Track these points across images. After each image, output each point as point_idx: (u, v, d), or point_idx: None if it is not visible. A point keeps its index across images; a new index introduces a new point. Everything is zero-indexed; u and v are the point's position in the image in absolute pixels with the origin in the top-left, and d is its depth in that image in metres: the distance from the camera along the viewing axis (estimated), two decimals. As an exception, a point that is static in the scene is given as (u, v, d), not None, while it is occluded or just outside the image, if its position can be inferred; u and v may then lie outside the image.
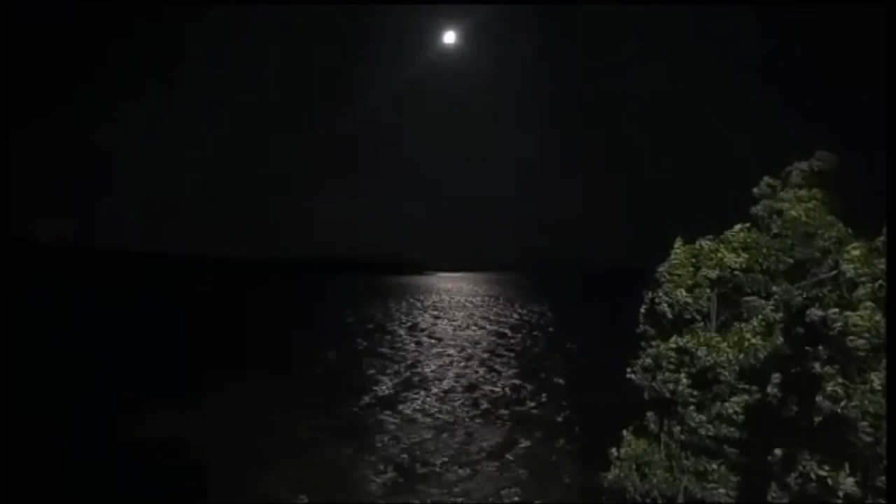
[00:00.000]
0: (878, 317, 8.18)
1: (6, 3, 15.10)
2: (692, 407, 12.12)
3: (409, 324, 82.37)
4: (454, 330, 76.25)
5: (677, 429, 12.38)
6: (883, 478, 7.97)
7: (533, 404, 36.72)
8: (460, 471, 25.33)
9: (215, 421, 31.01)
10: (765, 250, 12.91)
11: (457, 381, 43.37)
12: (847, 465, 8.42)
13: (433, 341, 65.16)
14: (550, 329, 77.44)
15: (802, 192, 13.16)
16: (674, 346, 12.47)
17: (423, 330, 75.77)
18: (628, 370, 13.66)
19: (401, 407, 35.80)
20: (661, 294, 13.09)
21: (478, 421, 33.12)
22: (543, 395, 38.98)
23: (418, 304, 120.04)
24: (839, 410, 8.17)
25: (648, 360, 12.89)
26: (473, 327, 79.66)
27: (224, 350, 54.67)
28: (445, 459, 26.67)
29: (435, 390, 40.44)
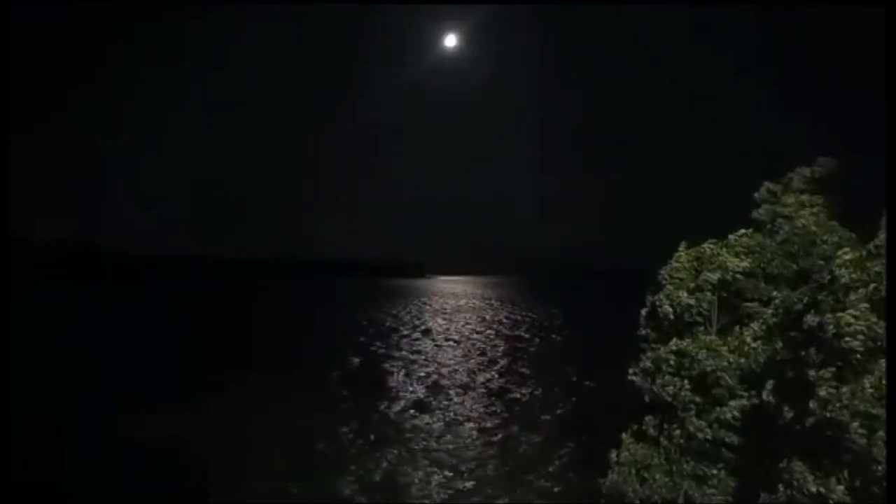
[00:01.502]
0: (872, 318, 8.20)
1: (6, 3, 15.10)
2: (692, 411, 12.13)
3: (421, 327, 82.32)
4: (459, 333, 76.25)
5: (677, 433, 12.39)
6: (879, 482, 7.96)
7: (533, 408, 36.69)
8: (458, 473, 25.31)
9: (216, 422, 31.01)
10: (768, 255, 12.94)
11: (459, 385, 43.37)
12: (845, 471, 8.43)
13: (445, 344, 65.13)
14: (553, 332, 77.39)
15: (805, 198, 13.20)
16: (674, 349, 12.50)
17: (436, 333, 75.70)
18: (629, 372, 13.68)
19: (406, 408, 35.82)
20: (662, 297, 13.11)
21: (478, 424, 33.10)
22: (545, 398, 38.97)
23: (426, 307, 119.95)
24: (828, 414, 8.18)
25: (648, 364, 12.91)
26: (479, 330, 79.63)
27: (224, 351, 54.67)
28: (443, 462, 26.65)
29: (438, 393, 40.44)
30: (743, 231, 13.16)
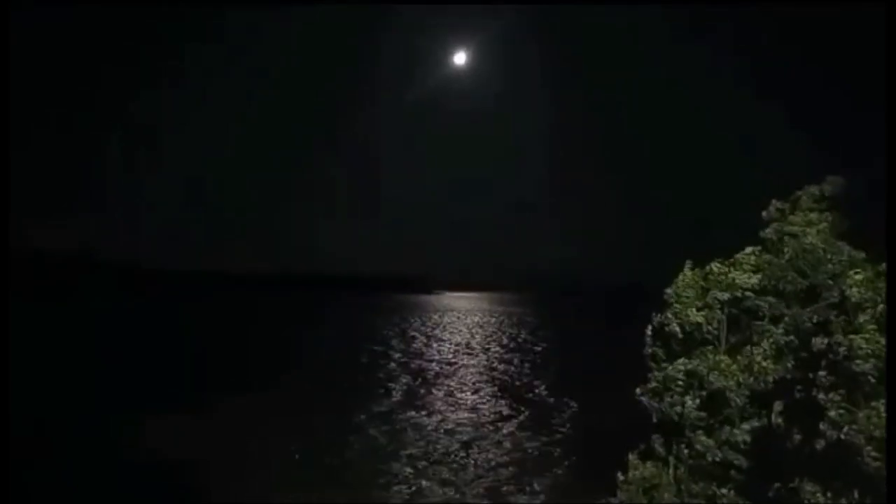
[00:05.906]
0: (882, 340, 8.16)
1: (6, 4, 15.48)
2: (700, 431, 11.99)
3: (433, 338, 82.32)
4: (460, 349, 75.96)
5: (685, 453, 12.25)
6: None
7: (538, 423, 36.32)
8: (460, 492, 25.11)
9: (218, 430, 31.32)
10: (778, 272, 12.80)
11: (463, 397, 43.11)
12: (855, 493, 8.32)
13: (452, 358, 64.97)
14: (560, 348, 76.81)
15: (813, 216, 13.08)
16: (682, 368, 12.41)
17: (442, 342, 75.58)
18: (637, 391, 13.57)
19: (410, 418, 35.74)
20: (669, 315, 13.04)
21: (484, 439, 32.84)
22: (551, 414, 38.57)
23: (434, 323, 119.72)
24: (842, 436, 8.12)
25: (656, 384, 12.82)
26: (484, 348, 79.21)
27: (228, 363, 55.21)
28: (446, 476, 26.48)
29: (442, 403, 40.26)
30: (751, 249, 13.06)
